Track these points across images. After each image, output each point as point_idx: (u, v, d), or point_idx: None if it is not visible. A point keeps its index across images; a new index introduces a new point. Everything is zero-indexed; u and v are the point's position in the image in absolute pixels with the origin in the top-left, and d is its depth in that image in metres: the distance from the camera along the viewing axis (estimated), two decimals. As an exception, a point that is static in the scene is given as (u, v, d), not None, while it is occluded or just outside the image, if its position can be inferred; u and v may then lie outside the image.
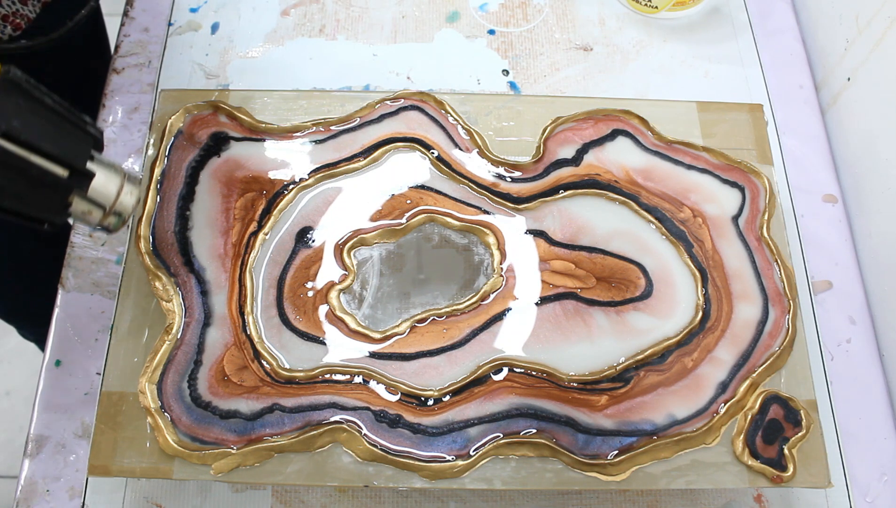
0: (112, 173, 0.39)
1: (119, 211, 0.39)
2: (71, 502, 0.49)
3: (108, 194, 0.39)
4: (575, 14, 0.68)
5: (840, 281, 0.58)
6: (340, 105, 0.54)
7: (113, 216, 0.40)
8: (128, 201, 0.40)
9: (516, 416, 0.45)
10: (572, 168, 0.52)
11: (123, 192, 0.39)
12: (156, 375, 0.45)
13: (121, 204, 0.39)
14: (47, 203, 0.37)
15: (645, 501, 0.50)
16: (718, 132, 0.54)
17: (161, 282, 0.47)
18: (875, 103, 0.58)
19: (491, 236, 0.50)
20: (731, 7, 0.68)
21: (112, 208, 0.39)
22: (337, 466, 0.44)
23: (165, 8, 0.66)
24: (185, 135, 0.51)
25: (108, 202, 0.39)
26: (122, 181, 0.39)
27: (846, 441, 0.52)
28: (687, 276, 0.49)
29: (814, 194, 0.61)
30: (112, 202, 0.39)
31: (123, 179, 0.40)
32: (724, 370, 0.47)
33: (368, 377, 0.46)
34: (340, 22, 0.66)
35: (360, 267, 0.49)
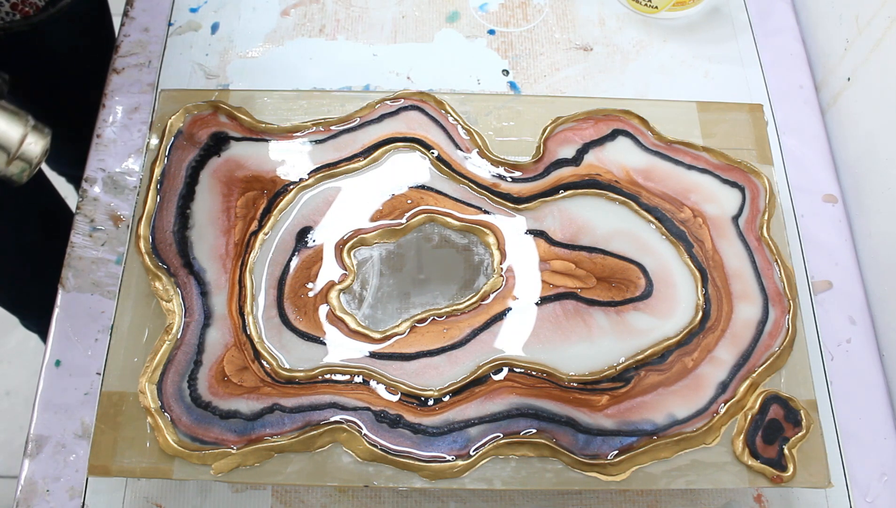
0: (15, 120, 0.38)
1: (24, 157, 0.38)
2: (71, 502, 0.49)
3: (9, 138, 0.38)
4: (575, 14, 0.68)
5: (840, 281, 0.58)
6: (340, 105, 0.54)
7: (18, 162, 0.38)
8: (33, 149, 0.39)
9: (517, 416, 0.45)
10: (573, 168, 0.52)
11: (27, 140, 0.38)
12: (156, 375, 0.45)
13: (25, 151, 0.38)
14: None
15: (645, 501, 0.50)
16: (718, 132, 0.54)
17: (161, 282, 0.47)
18: (875, 103, 0.58)
19: (491, 236, 0.50)
20: (731, 7, 0.68)
21: (14, 154, 0.38)
22: (337, 466, 0.44)
23: (165, 8, 0.66)
24: (185, 135, 0.51)
25: (10, 147, 0.38)
26: (26, 129, 0.38)
27: (846, 441, 0.52)
28: (687, 276, 0.49)
29: (814, 194, 0.61)
30: (14, 148, 0.38)
31: (28, 127, 0.38)
32: (724, 369, 0.47)
33: (368, 377, 0.46)
34: (340, 22, 0.66)
35: (360, 267, 0.49)
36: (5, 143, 0.38)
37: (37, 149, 0.39)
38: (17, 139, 0.38)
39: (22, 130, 0.38)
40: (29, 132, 0.39)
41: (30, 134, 0.39)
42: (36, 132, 0.39)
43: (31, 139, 0.39)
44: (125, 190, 0.58)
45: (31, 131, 0.39)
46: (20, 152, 0.38)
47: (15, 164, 0.39)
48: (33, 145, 0.39)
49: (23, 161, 0.39)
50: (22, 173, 0.39)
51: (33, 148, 0.39)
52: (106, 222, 0.57)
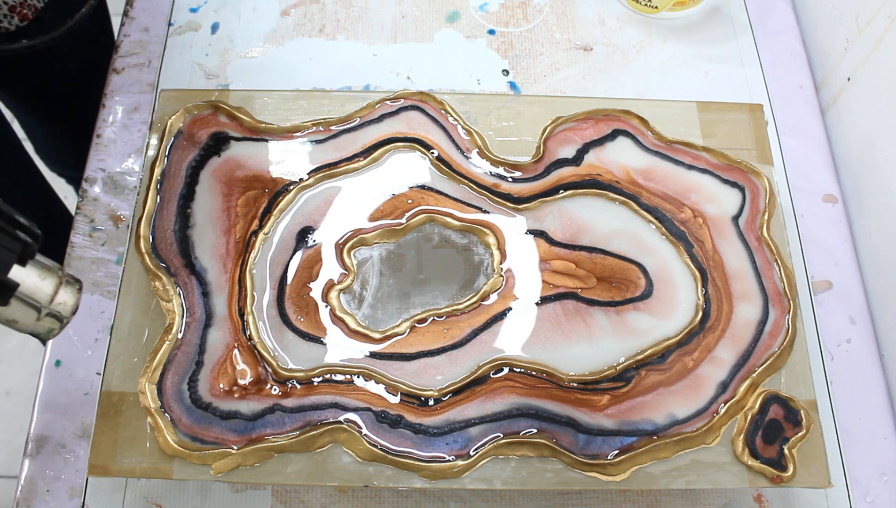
0: (48, 275, 0.37)
1: (55, 314, 0.38)
2: (71, 502, 0.49)
3: (41, 295, 0.37)
4: (575, 14, 0.68)
5: (840, 281, 0.58)
6: (340, 105, 0.54)
7: (49, 319, 0.38)
8: (64, 307, 0.38)
9: (517, 416, 0.45)
10: (573, 168, 0.52)
11: (60, 293, 0.37)
12: (156, 375, 0.45)
13: (58, 304, 0.37)
14: None
15: (645, 501, 0.50)
16: (718, 132, 0.54)
17: (161, 282, 0.47)
18: (875, 103, 0.58)
19: (491, 236, 0.50)
20: (731, 7, 0.68)
21: (48, 310, 0.37)
22: (337, 466, 0.44)
23: (165, 8, 0.66)
24: (185, 135, 0.51)
25: (42, 304, 0.37)
26: (58, 283, 0.37)
27: (846, 441, 0.52)
28: (687, 276, 0.49)
29: (814, 194, 0.61)
30: (46, 304, 0.37)
31: (61, 281, 0.38)
32: (724, 369, 0.47)
33: (368, 377, 0.46)
34: (340, 22, 0.66)
35: (360, 267, 0.49)
36: (38, 299, 0.37)
37: (68, 305, 0.38)
38: (49, 295, 0.37)
39: (54, 286, 0.37)
40: (61, 288, 0.38)
41: (62, 290, 0.38)
42: (68, 287, 0.38)
43: (62, 295, 0.38)
44: (125, 190, 0.58)
45: (63, 287, 0.38)
46: (51, 310, 0.38)
47: (45, 321, 0.38)
48: (65, 302, 0.38)
49: (54, 318, 0.38)
50: (50, 332, 0.38)
51: (64, 306, 0.38)
52: (106, 222, 0.57)
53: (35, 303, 0.37)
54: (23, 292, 0.36)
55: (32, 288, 0.36)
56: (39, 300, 0.37)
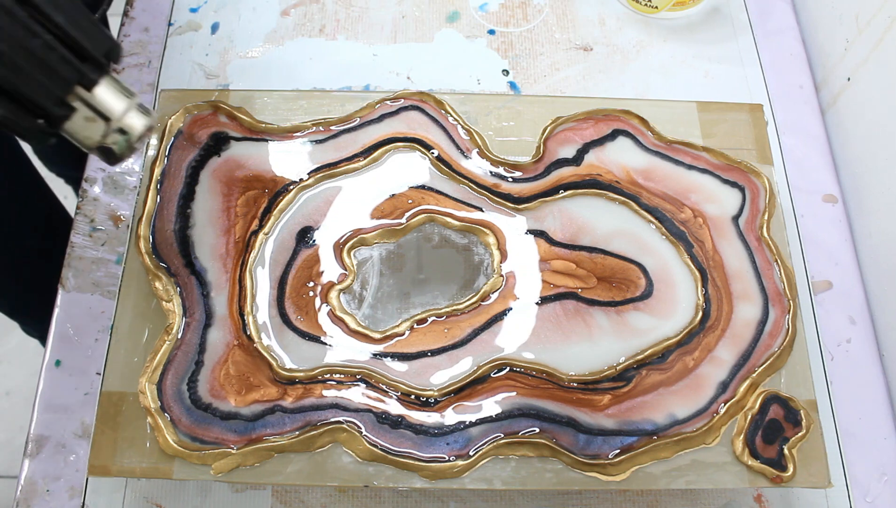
0: (122, 92, 0.37)
1: (125, 129, 0.37)
2: (71, 502, 0.49)
3: (113, 106, 0.36)
4: (575, 14, 0.68)
5: (840, 281, 0.58)
6: (340, 105, 0.54)
7: (117, 134, 0.37)
8: (136, 123, 0.37)
9: (518, 416, 0.45)
10: (573, 168, 0.52)
11: (132, 112, 0.37)
12: (156, 375, 0.45)
13: (127, 122, 0.37)
14: (47, 85, 0.34)
15: (645, 501, 0.50)
16: (718, 132, 0.54)
17: (161, 282, 0.47)
18: (875, 103, 0.58)
19: (491, 236, 0.50)
20: (731, 7, 0.68)
21: (116, 124, 0.37)
22: (337, 466, 0.44)
23: (165, 8, 0.66)
24: (185, 135, 0.51)
25: (113, 115, 0.36)
26: (131, 102, 0.37)
27: (846, 441, 0.52)
28: (687, 276, 0.49)
29: (814, 194, 0.61)
30: (117, 116, 0.36)
31: (134, 102, 0.37)
32: (724, 369, 0.47)
33: (369, 377, 0.46)
34: (340, 22, 0.66)
35: (360, 267, 0.49)
36: (106, 111, 0.36)
37: (140, 123, 0.38)
38: (122, 109, 0.37)
39: (127, 103, 0.37)
40: (132, 111, 0.37)
41: (133, 112, 0.37)
42: (141, 110, 0.38)
43: (133, 113, 0.37)
44: (125, 190, 0.58)
45: (135, 110, 0.37)
46: (120, 125, 0.37)
47: (113, 136, 0.37)
48: (137, 119, 0.37)
49: (122, 134, 0.37)
50: (124, 147, 0.38)
51: (137, 121, 0.37)
52: (106, 222, 0.57)
53: (103, 114, 0.36)
54: (91, 102, 0.36)
55: (101, 100, 0.36)
56: (109, 111, 0.36)
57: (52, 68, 0.34)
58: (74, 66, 0.34)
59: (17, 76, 0.33)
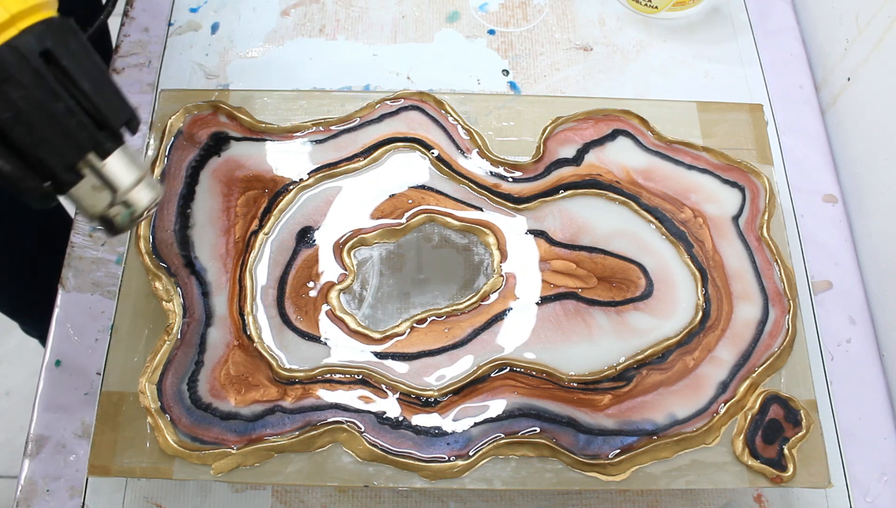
0: (134, 164, 0.37)
1: (129, 203, 0.37)
2: (71, 502, 0.49)
3: (122, 179, 0.36)
4: (575, 14, 0.68)
5: (840, 281, 0.58)
6: (340, 105, 0.54)
7: (121, 207, 0.37)
8: (142, 197, 0.37)
9: (518, 416, 0.45)
10: (573, 168, 0.52)
11: (140, 186, 0.37)
12: (156, 375, 0.45)
13: (133, 196, 0.37)
14: (61, 150, 0.33)
15: (645, 501, 0.50)
16: (718, 132, 0.54)
17: (161, 282, 0.47)
18: (875, 103, 0.58)
19: (491, 236, 0.50)
20: (731, 7, 0.68)
21: (122, 196, 0.36)
22: (337, 466, 0.44)
23: (165, 8, 0.66)
24: (185, 135, 0.51)
25: (121, 187, 0.36)
26: (141, 175, 0.37)
27: (846, 441, 0.52)
28: (687, 276, 0.49)
29: (814, 194, 0.61)
30: (125, 189, 0.36)
31: (144, 175, 0.37)
32: (724, 369, 0.47)
33: (369, 377, 0.46)
34: (340, 22, 0.66)
35: (360, 267, 0.49)
36: (115, 183, 0.36)
37: (147, 197, 0.37)
38: (130, 182, 0.36)
39: (137, 175, 0.37)
40: (142, 182, 0.37)
41: (143, 183, 0.37)
42: (150, 183, 0.37)
43: (143, 185, 0.37)
44: (125, 190, 0.58)
45: (144, 182, 0.37)
46: (126, 198, 0.37)
47: (117, 208, 0.37)
48: (144, 192, 0.37)
49: (128, 205, 0.37)
50: (126, 220, 0.37)
51: (143, 195, 0.37)
52: (106, 222, 0.57)
53: (112, 185, 0.36)
54: (101, 171, 0.35)
55: (112, 171, 0.36)
56: (118, 183, 0.36)
57: (69, 133, 0.33)
58: (91, 133, 0.34)
59: (33, 137, 0.32)
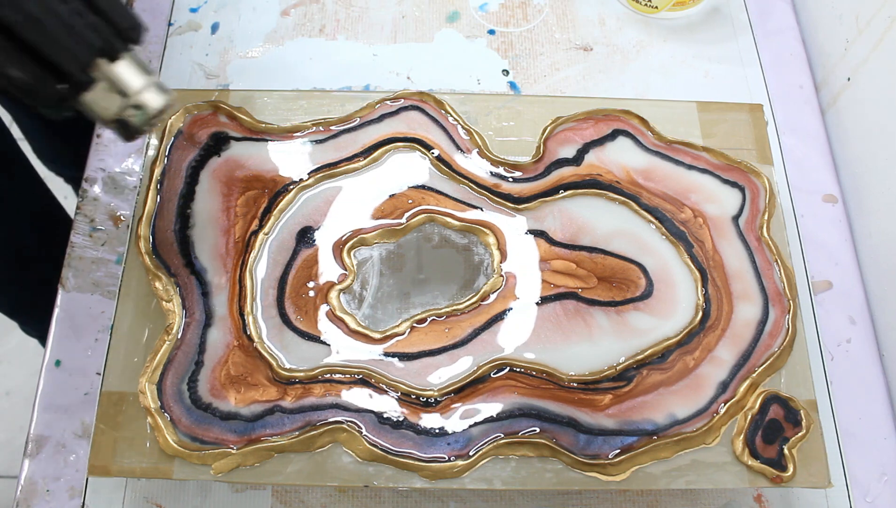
0: (143, 69, 0.38)
1: (141, 105, 0.38)
2: (71, 502, 0.49)
3: (133, 81, 0.38)
4: (575, 14, 0.68)
5: (840, 281, 0.58)
6: (340, 105, 0.54)
7: (134, 109, 0.38)
8: (154, 99, 0.38)
9: (519, 416, 0.45)
10: (573, 168, 0.52)
11: (151, 89, 0.38)
12: (156, 375, 0.45)
13: (145, 98, 0.38)
14: (73, 50, 0.34)
15: (645, 501, 0.50)
16: (718, 132, 0.54)
17: (161, 282, 0.47)
18: (875, 103, 0.58)
19: (491, 236, 0.50)
20: (731, 7, 0.68)
21: (134, 98, 0.38)
22: (337, 466, 0.44)
23: (165, 8, 0.66)
24: (185, 135, 0.51)
25: (132, 88, 0.38)
26: (150, 80, 0.38)
27: (846, 441, 0.52)
28: (687, 276, 0.49)
29: (814, 194, 0.61)
30: (136, 89, 0.38)
31: (152, 80, 0.39)
32: (724, 369, 0.47)
33: (369, 377, 0.46)
34: (340, 22, 0.66)
35: (360, 267, 0.49)
36: (126, 84, 0.38)
37: (158, 100, 0.39)
38: (139, 86, 0.38)
39: (145, 80, 0.38)
40: (151, 88, 0.39)
41: (153, 86, 0.39)
42: (159, 88, 0.39)
43: (152, 90, 0.39)
44: (125, 190, 0.58)
45: (154, 88, 0.39)
46: (138, 100, 0.38)
47: (130, 111, 0.38)
48: (155, 96, 0.39)
49: (140, 107, 0.38)
50: (142, 120, 0.39)
51: (154, 98, 0.39)
52: (106, 222, 0.57)
53: (121, 89, 0.37)
54: (111, 74, 0.37)
55: (121, 74, 0.37)
56: (127, 87, 0.37)
57: (80, 34, 0.35)
58: (101, 32, 0.35)
59: (44, 39, 0.33)
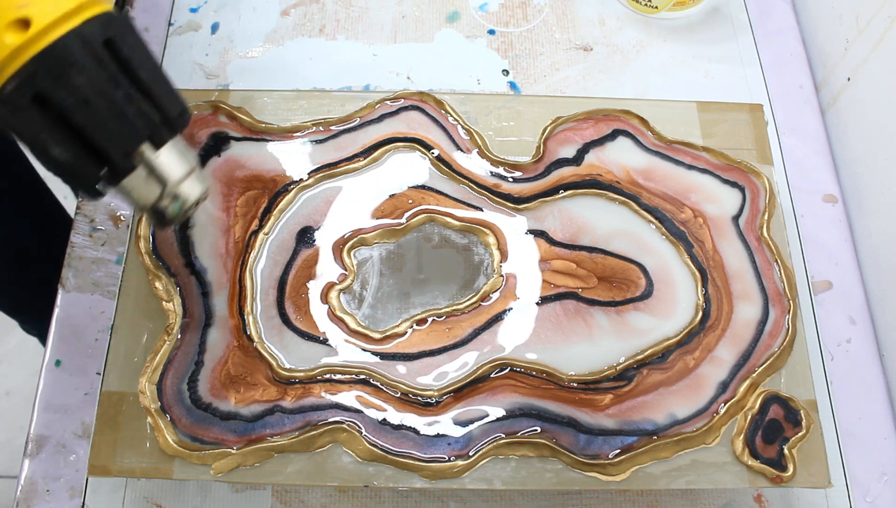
0: (184, 156, 0.38)
1: (179, 195, 0.38)
2: (71, 502, 0.49)
3: (174, 170, 0.37)
4: (575, 14, 0.68)
5: (840, 281, 0.58)
6: (340, 105, 0.54)
7: (171, 199, 0.38)
8: (192, 189, 0.38)
9: (519, 416, 0.45)
10: (574, 168, 0.52)
11: (190, 179, 0.38)
12: (156, 375, 0.45)
13: (184, 189, 0.38)
14: (120, 135, 0.35)
15: (645, 501, 0.50)
16: (718, 132, 0.54)
17: (161, 282, 0.47)
18: (875, 103, 0.58)
19: (491, 236, 0.50)
20: (731, 7, 0.68)
21: (173, 188, 0.38)
22: (337, 466, 0.44)
23: (165, 8, 0.66)
24: (186, 135, 0.51)
25: (172, 179, 0.37)
26: (191, 167, 0.38)
27: (846, 441, 0.52)
28: (687, 276, 0.49)
29: (814, 194, 0.61)
30: (175, 180, 0.38)
31: (194, 168, 0.38)
32: (724, 369, 0.47)
33: (369, 377, 0.46)
34: (340, 22, 0.66)
35: (360, 267, 0.49)
36: (166, 174, 0.37)
37: (196, 189, 0.39)
38: (179, 175, 0.38)
39: (187, 168, 0.38)
40: (192, 174, 0.38)
41: (192, 176, 0.38)
42: (198, 178, 0.39)
43: (191, 180, 0.38)
44: (125, 190, 0.58)
45: (194, 174, 0.39)
46: (177, 190, 0.38)
47: (167, 201, 0.38)
48: (194, 185, 0.39)
49: (176, 200, 0.38)
50: (178, 210, 0.38)
51: (192, 188, 0.39)
52: (106, 222, 0.57)
53: (161, 179, 0.37)
54: (153, 162, 0.37)
55: (163, 162, 0.37)
56: (168, 176, 0.37)
57: (127, 120, 0.34)
58: (149, 120, 0.35)
59: (93, 124, 0.33)
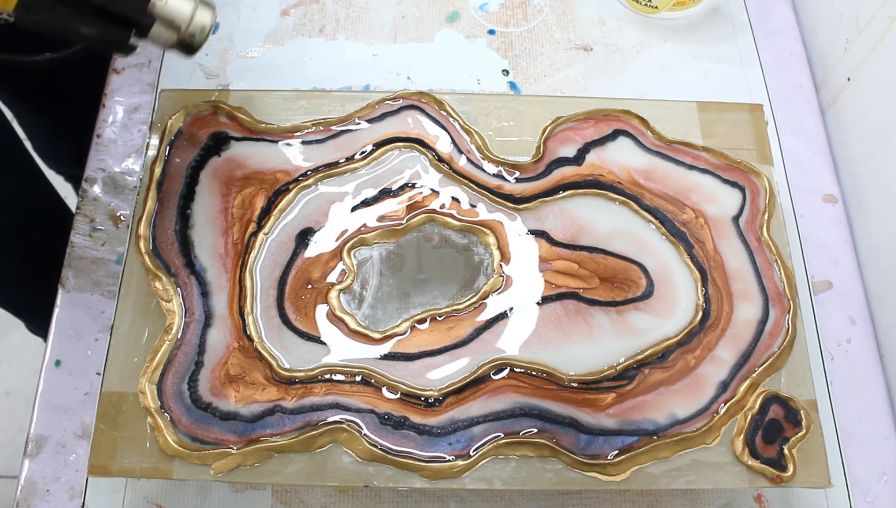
0: None
1: (195, 25, 0.44)
2: (71, 502, 0.49)
3: (183, 9, 0.43)
4: (575, 14, 0.68)
5: (840, 281, 0.58)
6: (340, 105, 0.54)
7: (190, 32, 0.44)
8: (205, 17, 0.44)
9: (519, 416, 0.45)
10: (574, 168, 0.52)
11: (198, 10, 0.44)
12: (156, 375, 0.45)
13: (197, 20, 0.44)
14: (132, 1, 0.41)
15: (645, 501, 0.50)
16: (718, 132, 0.54)
17: (161, 282, 0.47)
18: (875, 103, 0.58)
19: (491, 236, 0.50)
20: (731, 7, 0.68)
21: (189, 23, 0.43)
22: (337, 466, 0.44)
23: (165, 8, 0.66)
24: (185, 135, 0.51)
25: (185, 16, 0.43)
26: (195, 4, 0.44)
27: (846, 441, 0.52)
28: (687, 276, 0.49)
29: (814, 194, 0.61)
30: (187, 18, 0.43)
31: (197, 2, 0.44)
32: (724, 369, 0.47)
33: (369, 377, 0.46)
34: (340, 22, 0.66)
35: (360, 267, 0.49)
36: (178, 21, 0.43)
37: (207, 18, 0.44)
38: (189, 11, 0.43)
39: (192, 6, 0.44)
40: (199, 7, 0.44)
41: (199, 7, 0.44)
42: (204, 6, 0.44)
43: (200, 11, 0.44)
44: (125, 190, 0.58)
45: (199, 6, 0.44)
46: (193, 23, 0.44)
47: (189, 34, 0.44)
48: (203, 15, 0.44)
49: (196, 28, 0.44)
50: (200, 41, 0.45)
51: (204, 17, 0.44)
52: (106, 222, 0.57)
53: (178, 20, 0.43)
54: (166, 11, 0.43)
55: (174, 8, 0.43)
56: (181, 17, 0.43)
57: None
58: None
59: None
